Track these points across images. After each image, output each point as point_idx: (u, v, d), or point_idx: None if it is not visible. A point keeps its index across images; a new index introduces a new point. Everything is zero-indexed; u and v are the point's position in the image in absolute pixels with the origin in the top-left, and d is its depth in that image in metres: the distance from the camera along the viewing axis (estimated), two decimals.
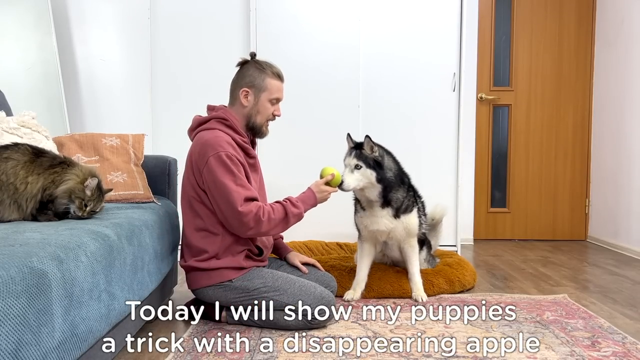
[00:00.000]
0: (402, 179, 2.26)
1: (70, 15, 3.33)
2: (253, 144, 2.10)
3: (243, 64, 2.02)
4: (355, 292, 2.29)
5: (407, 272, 2.36)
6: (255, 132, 2.03)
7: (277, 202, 1.93)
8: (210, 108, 2.03)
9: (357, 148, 2.17)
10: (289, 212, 1.89)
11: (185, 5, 3.38)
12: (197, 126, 1.99)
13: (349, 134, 2.23)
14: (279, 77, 2.01)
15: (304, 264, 2.17)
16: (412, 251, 2.32)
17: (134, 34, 3.36)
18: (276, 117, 2.04)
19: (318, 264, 2.21)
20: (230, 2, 3.38)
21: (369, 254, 2.35)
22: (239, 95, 1.98)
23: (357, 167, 2.12)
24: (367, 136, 2.14)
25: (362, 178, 2.13)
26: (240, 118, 2.00)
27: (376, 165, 2.14)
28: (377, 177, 2.14)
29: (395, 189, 2.21)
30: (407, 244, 2.31)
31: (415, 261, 2.33)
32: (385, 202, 2.20)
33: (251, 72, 1.97)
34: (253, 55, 2.04)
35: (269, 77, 1.97)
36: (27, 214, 1.61)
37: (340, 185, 2.06)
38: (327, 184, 2.02)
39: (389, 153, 2.26)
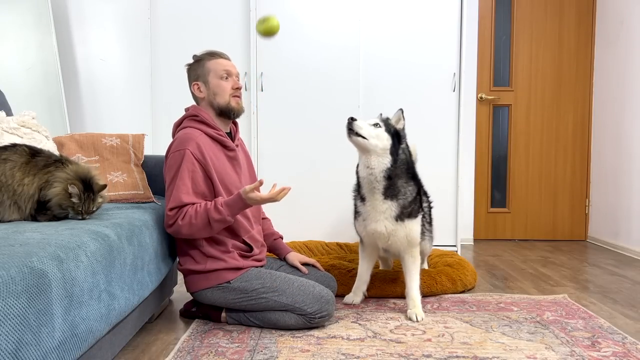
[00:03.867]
0: (414, 175, 2.13)
1: (70, 15, 3.34)
2: (234, 138, 2.07)
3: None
4: (355, 295, 2.26)
5: (405, 285, 2.15)
6: (227, 113, 1.99)
7: (205, 203, 1.84)
8: (185, 109, 2.06)
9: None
10: (211, 218, 1.81)
11: (186, 5, 3.38)
12: (176, 129, 2.03)
13: (380, 115, 2.12)
14: (216, 55, 2.02)
15: (304, 264, 2.17)
16: (412, 262, 2.12)
17: (134, 34, 3.37)
18: (239, 89, 2.01)
19: (318, 264, 2.20)
20: (230, 2, 3.38)
21: (370, 259, 2.28)
22: (194, 92, 2.02)
23: (376, 125, 2.03)
24: (400, 109, 2.10)
25: (374, 136, 1.99)
26: (208, 110, 2.01)
27: (396, 136, 2.04)
28: (391, 147, 2.01)
29: (404, 180, 2.05)
30: (407, 253, 2.12)
31: (415, 274, 2.12)
32: (388, 190, 2.03)
33: (192, 67, 2.03)
34: (194, 57, 2.06)
35: (206, 61, 1.99)
36: (27, 214, 1.61)
37: (350, 125, 1.98)
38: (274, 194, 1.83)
39: (408, 147, 2.15)
